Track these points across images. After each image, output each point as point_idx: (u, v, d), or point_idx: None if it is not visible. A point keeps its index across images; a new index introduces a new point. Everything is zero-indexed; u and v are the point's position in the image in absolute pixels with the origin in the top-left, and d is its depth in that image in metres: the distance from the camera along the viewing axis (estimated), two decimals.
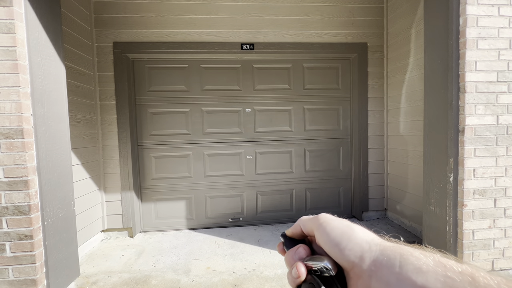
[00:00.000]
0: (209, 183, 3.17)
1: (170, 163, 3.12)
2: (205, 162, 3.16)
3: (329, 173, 3.34)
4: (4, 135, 1.47)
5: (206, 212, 3.20)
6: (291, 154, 3.27)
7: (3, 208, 1.49)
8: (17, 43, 1.47)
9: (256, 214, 3.26)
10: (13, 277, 1.51)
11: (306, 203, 3.34)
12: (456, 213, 1.83)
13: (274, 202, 3.29)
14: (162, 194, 3.13)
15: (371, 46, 3.16)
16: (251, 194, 3.24)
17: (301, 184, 3.31)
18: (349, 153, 3.36)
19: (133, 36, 2.85)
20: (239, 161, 3.21)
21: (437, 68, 1.91)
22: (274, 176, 3.27)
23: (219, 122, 3.15)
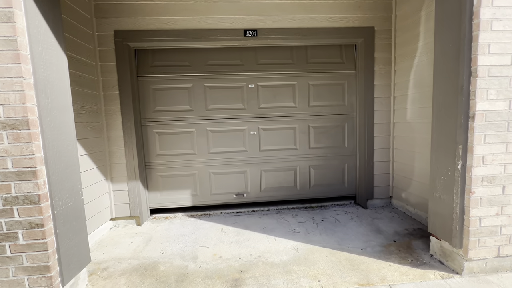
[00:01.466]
0: (213, 160, 3.19)
1: (173, 140, 3.13)
2: (209, 138, 3.17)
3: (333, 150, 3.33)
4: (10, 126, 1.48)
5: (210, 188, 3.24)
6: (295, 130, 3.26)
7: (14, 198, 1.52)
8: (17, 32, 1.44)
9: (260, 191, 3.30)
10: (27, 264, 1.56)
11: (310, 180, 3.36)
12: (463, 200, 1.81)
13: (278, 178, 3.31)
14: (166, 170, 3.16)
15: (379, 30, 3.05)
16: (255, 171, 3.26)
17: (305, 161, 3.31)
18: (354, 129, 3.31)
19: (133, 24, 2.80)
20: (243, 137, 3.21)
21: (448, 51, 1.83)
22: (278, 153, 3.27)
23: (222, 98, 3.14)
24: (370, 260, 2.10)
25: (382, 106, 3.16)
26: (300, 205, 3.41)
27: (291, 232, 2.65)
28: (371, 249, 2.26)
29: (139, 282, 1.93)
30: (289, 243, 2.43)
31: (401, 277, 1.87)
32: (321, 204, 3.42)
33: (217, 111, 3.15)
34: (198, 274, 2.00)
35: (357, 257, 2.15)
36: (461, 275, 1.85)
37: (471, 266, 1.85)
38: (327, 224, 2.81)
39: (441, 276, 1.87)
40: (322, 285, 1.82)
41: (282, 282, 1.87)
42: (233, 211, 3.30)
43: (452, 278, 1.83)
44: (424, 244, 2.31)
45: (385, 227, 2.69)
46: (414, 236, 2.47)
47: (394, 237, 2.48)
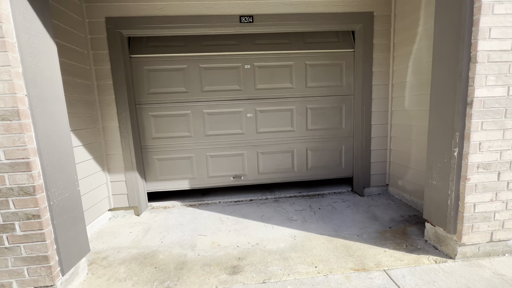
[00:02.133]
0: (210, 142, 3.19)
1: (169, 122, 3.11)
2: (205, 121, 3.15)
3: (331, 132, 3.33)
4: (1, 117, 1.44)
5: (207, 171, 3.25)
6: (292, 112, 3.24)
7: (8, 190, 1.51)
8: (2, 18, 1.39)
9: (257, 173, 3.32)
10: (25, 254, 1.57)
11: (307, 162, 3.37)
12: (458, 187, 1.83)
13: (275, 161, 3.32)
14: (163, 153, 3.16)
15: (378, 15, 2.98)
16: (252, 153, 3.27)
17: (303, 143, 3.31)
18: (351, 110, 3.30)
19: (125, 11, 2.70)
20: (239, 119, 3.19)
21: (448, 37, 1.79)
22: (275, 135, 3.26)
23: (218, 80, 3.09)
24: (366, 246, 2.14)
25: (380, 94, 3.13)
26: (298, 193, 3.44)
27: (288, 220, 2.69)
28: (367, 236, 2.30)
29: (138, 270, 1.96)
30: (286, 231, 2.46)
31: (395, 262, 1.91)
32: (318, 192, 3.45)
33: (213, 93, 3.10)
34: (197, 262, 2.03)
35: (353, 243, 2.19)
36: (454, 259, 1.89)
37: (464, 250, 1.89)
38: (324, 212, 2.85)
39: (435, 260, 1.91)
40: (318, 270, 1.86)
41: (280, 268, 1.90)
42: (231, 200, 3.33)
43: (445, 263, 1.88)
44: (419, 230, 2.35)
45: (381, 214, 2.72)
46: (409, 223, 2.51)
47: (390, 223, 2.52)
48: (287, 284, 1.73)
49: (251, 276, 1.83)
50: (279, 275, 1.83)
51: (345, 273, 1.82)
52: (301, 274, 1.83)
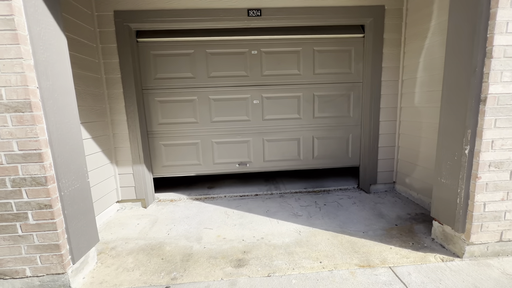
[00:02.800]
0: (216, 129, 3.19)
1: (175, 108, 3.11)
2: (211, 107, 3.14)
3: (338, 120, 3.29)
4: (14, 108, 1.47)
5: (213, 157, 3.26)
6: (299, 99, 3.20)
7: (22, 180, 1.55)
8: (14, 11, 1.40)
9: (263, 161, 3.31)
10: (38, 242, 1.62)
11: (314, 151, 3.35)
12: (468, 186, 1.80)
13: (281, 148, 3.31)
14: (169, 139, 3.17)
15: (389, 9, 2.90)
16: (258, 140, 3.26)
17: (309, 131, 3.28)
18: (360, 98, 3.24)
19: (134, 4, 2.70)
20: (246, 106, 3.17)
21: (463, 31, 1.74)
22: (281, 122, 3.24)
23: (224, 65, 3.07)
24: (372, 243, 2.13)
25: (389, 90, 3.07)
26: (303, 189, 3.44)
27: (293, 216, 2.69)
28: (372, 233, 2.29)
29: (146, 261, 2.00)
30: (291, 226, 2.47)
31: (401, 259, 1.90)
32: (324, 188, 3.44)
33: (219, 79, 3.08)
34: (203, 254, 2.06)
35: (358, 240, 2.18)
36: (462, 258, 1.87)
37: (472, 250, 1.87)
38: (329, 208, 2.84)
39: (442, 259, 1.89)
40: (323, 266, 1.86)
41: (284, 262, 1.91)
42: (236, 194, 3.35)
43: (452, 261, 1.86)
44: (426, 228, 2.33)
45: (387, 212, 2.70)
46: (416, 221, 2.49)
47: (396, 221, 2.50)
48: (292, 278, 1.75)
49: (256, 270, 1.85)
50: (284, 269, 1.84)
51: (350, 269, 1.82)
52: (306, 269, 1.84)
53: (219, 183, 3.87)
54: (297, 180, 3.86)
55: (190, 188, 3.70)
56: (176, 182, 3.94)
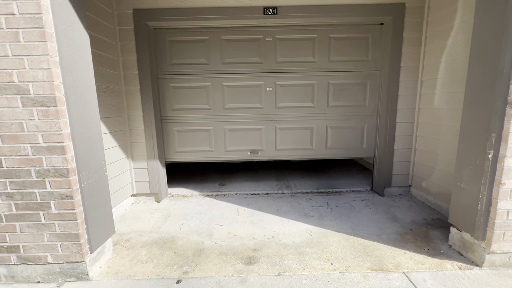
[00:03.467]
0: (228, 116, 3.19)
1: (189, 94, 3.13)
2: (224, 93, 3.14)
3: (353, 109, 3.19)
4: (40, 103, 1.55)
5: (225, 144, 3.26)
6: (313, 87, 3.14)
7: (46, 171, 1.62)
8: (42, 9, 1.47)
9: (275, 149, 3.28)
10: (59, 231, 1.70)
11: (327, 141, 3.27)
12: (491, 192, 1.72)
13: (293, 137, 3.26)
14: (182, 125, 3.20)
15: (410, 7, 2.81)
16: (270, 128, 3.23)
17: (323, 119, 3.21)
18: (376, 87, 3.13)
19: (152, 2, 2.76)
20: (259, 93, 3.15)
21: (490, 30, 1.66)
22: (294, 111, 3.19)
23: (238, 52, 3.05)
24: (385, 247, 2.09)
25: (407, 91, 2.98)
26: (315, 189, 3.41)
27: (304, 216, 2.68)
28: (386, 236, 2.24)
29: (159, 254, 2.05)
30: (302, 226, 2.46)
31: (416, 265, 1.85)
32: (336, 189, 3.39)
33: (233, 65, 3.07)
34: (214, 250, 2.09)
35: (371, 243, 2.14)
36: (481, 267, 1.80)
37: (492, 259, 1.79)
38: (341, 210, 2.80)
39: (459, 267, 1.82)
40: (334, 267, 1.84)
41: (295, 262, 1.91)
42: (247, 192, 3.37)
43: (471, 270, 1.79)
44: (442, 234, 2.25)
45: (402, 216, 2.63)
46: (432, 226, 2.41)
47: (411, 226, 2.43)
48: (302, 279, 1.74)
49: (267, 268, 1.85)
50: (294, 269, 1.84)
51: (362, 272, 1.79)
52: (317, 269, 1.83)
53: (230, 180, 3.90)
54: (309, 180, 3.83)
55: (201, 184, 3.75)
56: (188, 178, 4.01)
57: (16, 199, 1.65)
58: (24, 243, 1.72)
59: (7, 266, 1.76)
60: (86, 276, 1.77)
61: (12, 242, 1.72)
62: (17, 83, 1.52)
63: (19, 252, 1.73)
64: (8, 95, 1.54)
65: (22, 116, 1.56)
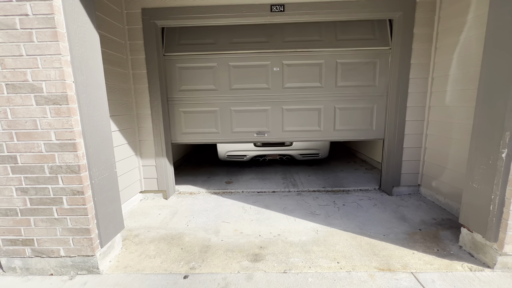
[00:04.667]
0: (235, 97, 3.15)
1: (195, 75, 3.11)
2: (231, 74, 3.09)
3: (362, 89, 3.09)
4: (52, 101, 1.59)
5: (231, 126, 3.23)
6: (321, 66, 3.06)
7: (58, 167, 1.67)
8: (54, 10, 1.51)
9: (281, 131, 3.24)
10: (71, 226, 1.75)
11: (335, 122, 3.18)
12: (504, 192, 1.67)
13: (300, 118, 3.20)
14: (188, 106, 3.18)
15: (421, 2, 2.74)
16: (277, 109, 3.18)
17: (331, 101, 3.13)
18: (386, 66, 3.02)
19: (160, 1, 2.78)
20: (266, 73, 3.10)
21: (505, 24, 1.60)
22: (301, 91, 3.12)
23: (245, 31, 2.98)
24: (392, 246, 2.06)
25: (417, 88, 2.92)
26: (322, 188, 3.39)
27: (311, 214, 2.67)
28: (394, 236, 2.21)
29: (166, 250, 2.09)
30: (308, 224, 2.45)
31: (425, 265, 1.82)
32: (343, 188, 3.36)
33: (240, 44, 3.01)
34: (220, 246, 2.11)
35: (378, 242, 2.12)
36: (493, 269, 1.75)
37: (505, 260, 1.74)
38: (348, 209, 2.78)
39: (470, 268, 1.78)
40: (341, 266, 1.83)
41: (301, 260, 1.91)
42: (254, 190, 3.38)
43: (482, 271, 1.75)
44: (453, 235, 2.20)
45: (410, 215, 2.59)
46: (442, 226, 2.36)
47: (420, 225, 2.38)
48: (308, 277, 1.74)
49: (272, 265, 1.86)
50: (300, 267, 1.84)
51: (369, 271, 1.78)
52: (323, 268, 1.82)
53: (237, 178, 3.93)
54: (316, 178, 3.81)
55: (208, 182, 3.78)
56: (195, 175, 4.06)
57: (31, 194, 1.71)
58: (38, 236, 1.78)
59: (22, 258, 1.83)
60: (97, 270, 1.82)
61: (27, 236, 1.78)
62: (31, 82, 1.57)
63: (33, 245, 1.79)
64: (22, 94, 1.59)
65: (36, 114, 1.61)
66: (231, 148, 4.11)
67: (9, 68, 1.56)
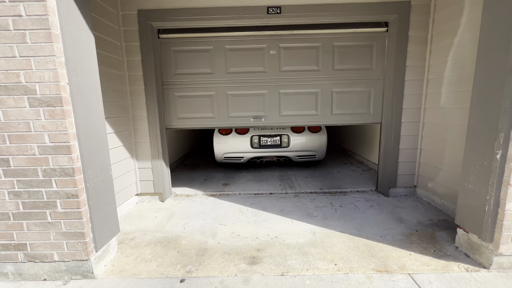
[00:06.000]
0: (231, 80, 3.10)
1: (190, 58, 3.06)
2: (227, 57, 3.05)
3: (359, 73, 3.07)
4: (46, 103, 1.57)
5: (228, 111, 3.18)
6: (317, 49, 3.04)
7: (52, 170, 1.65)
8: (48, 11, 1.49)
9: (278, 115, 3.20)
10: (65, 229, 1.72)
11: (332, 106, 3.16)
12: (499, 193, 1.68)
13: (297, 102, 3.16)
14: (183, 90, 3.12)
15: (415, 5, 2.77)
16: (273, 93, 3.14)
17: (328, 84, 3.10)
18: (383, 49, 3.01)
19: (156, 3, 2.77)
20: (262, 57, 3.06)
21: (498, 27, 1.62)
22: (298, 74, 3.09)
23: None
24: (390, 248, 2.06)
25: (413, 90, 2.94)
26: (319, 190, 3.39)
27: (308, 216, 2.66)
28: (391, 237, 2.22)
29: (162, 253, 2.06)
30: (306, 226, 2.45)
31: (422, 266, 1.82)
32: (340, 190, 3.37)
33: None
34: (217, 249, 2.10)
35: (376, 244, 2.12)
36: (489, 269, 1.77)
37: (500, 261, 1.75)
38: (345, 210, 2.78)
39: (466, 268, 1.79)
40: (338, 268, 1.83)
41: (298, 263, 1.90)
42: (251, 192, 3.37)
43: (478, 272, 1.76)
44: (449, 236, 2.21)
45: (407, 216, 2.60)
46: (438, 227, 2.37)
47: (417, 226, 2.40)
48: (306, 279, 1.73)
49: (270, 268, 1.85)
50: (297, 269, 1.83)
51: (367, 273, 1.77)
52: (320, 270, 1.81)
53: (233, 180, 3.91)
54: (313, 180, 3.81)
55: (205, 184, 3.76)
56: (192, 177, 4.03)
57: (23, 198, 1.68)
58: (31, 241, 1.75)
59: (14, 263, 1.79)
60: (91, 274, 1.79)
61: (20, 240, 1.75)
62: (24, 83, 1.55)
63: (26, 250, 1.76)
64: (15, 96, 1.56)
65: (29, 116, 1.58)
66: (228, 150, 4.10)
67: (1, 70, 1.53)
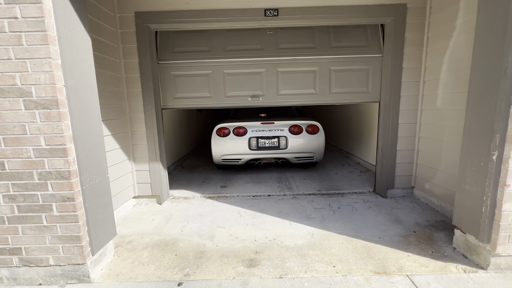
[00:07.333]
0: (228, 59, 3.05)
1: (187, 37, 3.02)
2: (225, 36, 3.02)
3: (357, 50, 3.03)
4: (42, 105, 1.56)
5: (225, 90, 3.13)
6: (313, 29, 3.01)
7: (48, 173, 1.63)
8: (44, 13, 1.48)
9: (276, 94, 3.15)
10: (61, 233, 1.70)
11: (331, 85, 3.12)
12: (495, 194, 1.69)
13: (296, 81, 3.12)
14: (180, 69, 3.07)
15: (411, 7, 2.80)
16: (271, 72, 3.10)
17: (326, 62, 3.06)
18: (378, 27, 2.99)
19: (154, 5, 2.77)
20: (259, 35, 3.02)
21: (493, 29, 1.64)
22: (295, 52, 3.05)
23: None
24: (388, 249, 2.06)
25: (410, 92, 2.96)
26: (317, 191, 3.39)
27: (306, 218, 2.66)
28: (389, 239, 2.22)
29: (160, 256, 2.05)
30: (304, 228, 2.44)
31: (420, 268, 1.82)
32: (338, 191, 3.37)
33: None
34: (215, 252, 2.08)
35: (374, 245, 2.12)
36: (486, 270, 1.77)
37: (498, 261, 1.76)
38: (343, 212, 2.78)
39: (464, 269, 1.80)
40: (337, 270, 1.82)
41: (297, 265, 1.89)
42: (249, 194, 3.36)
43: (476, 273, 1.76)
44: (446, 236, 2.22)
45: (405, 217, 2.61)
46: (436, 228, 2.38)
47: (415, 228, 2.40)
48: (304, 281, 1.72)
49: (268, 271, 1.84)
50: (296, 271, 1.82)
51: (365, 275, 1.77)
52: (319, 272, 1.81)
53: (231, 182, 3.90)
54: (311, 182, 3.81)
55: (203, 186, 3.75)
56: (190, 180, 4.01)
57: (19, 201, 1.66)
58: (26, 245, 1.72)
59: (9, 268, 1.76)
60: (88, 279, 1.77)
61: (14, 244, 1.72)
62: (20, 86, 1.54)
63: (21, 254, 1.73)
64: (11, 98, 1.55)
65: (25, 119, 1.57)
66: (226, 152, 4.09)
67: None
